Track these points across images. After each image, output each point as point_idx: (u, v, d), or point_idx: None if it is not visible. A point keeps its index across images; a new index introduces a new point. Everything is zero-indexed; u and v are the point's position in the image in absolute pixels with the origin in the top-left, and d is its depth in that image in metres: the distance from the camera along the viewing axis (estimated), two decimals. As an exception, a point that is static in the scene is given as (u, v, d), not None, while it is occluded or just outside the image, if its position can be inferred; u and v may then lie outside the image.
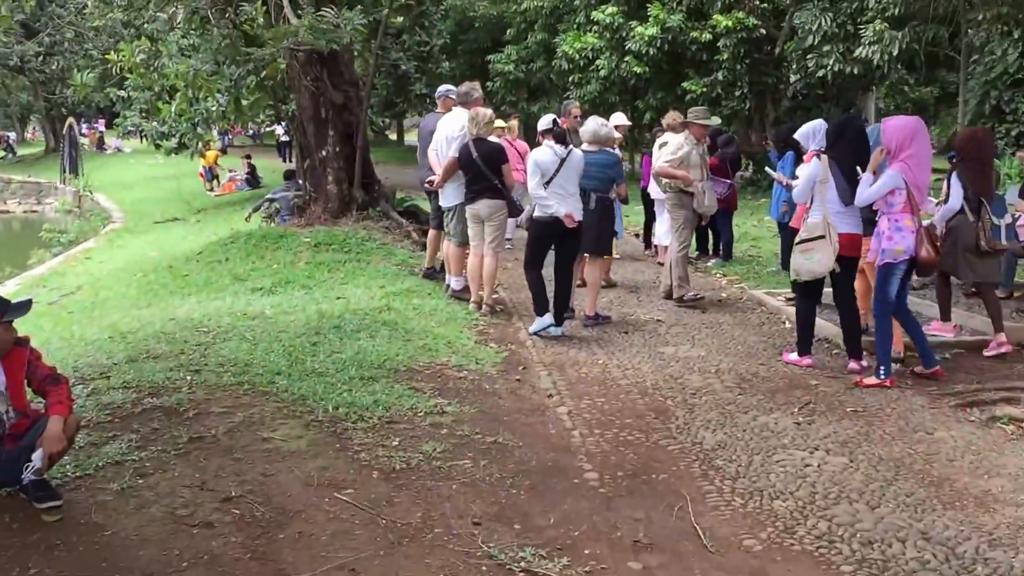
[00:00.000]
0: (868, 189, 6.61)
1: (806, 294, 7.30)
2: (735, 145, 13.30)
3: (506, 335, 8.24)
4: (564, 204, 8.04)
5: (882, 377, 6.65)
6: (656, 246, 12.48)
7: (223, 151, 30.10)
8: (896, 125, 6.64)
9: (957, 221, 7.57)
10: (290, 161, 26.10)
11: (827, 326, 8.03)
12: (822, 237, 6.81)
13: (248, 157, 27.40)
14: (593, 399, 6.42)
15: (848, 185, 6.81)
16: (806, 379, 6.88)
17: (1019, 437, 5.59)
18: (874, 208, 6.74)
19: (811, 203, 6.99)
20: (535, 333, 8.12)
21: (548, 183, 8.05)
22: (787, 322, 8.55)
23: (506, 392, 6.54)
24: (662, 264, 11.98)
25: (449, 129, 9.34)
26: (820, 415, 6.04)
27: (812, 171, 6.97)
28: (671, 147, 9.71)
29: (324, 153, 12.52)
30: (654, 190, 11.76)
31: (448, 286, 9.60)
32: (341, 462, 4.93)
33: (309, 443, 5.14)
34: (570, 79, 23.19)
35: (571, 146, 8.27)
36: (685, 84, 21.00)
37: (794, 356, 7.30)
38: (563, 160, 8.08)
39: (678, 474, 5.07)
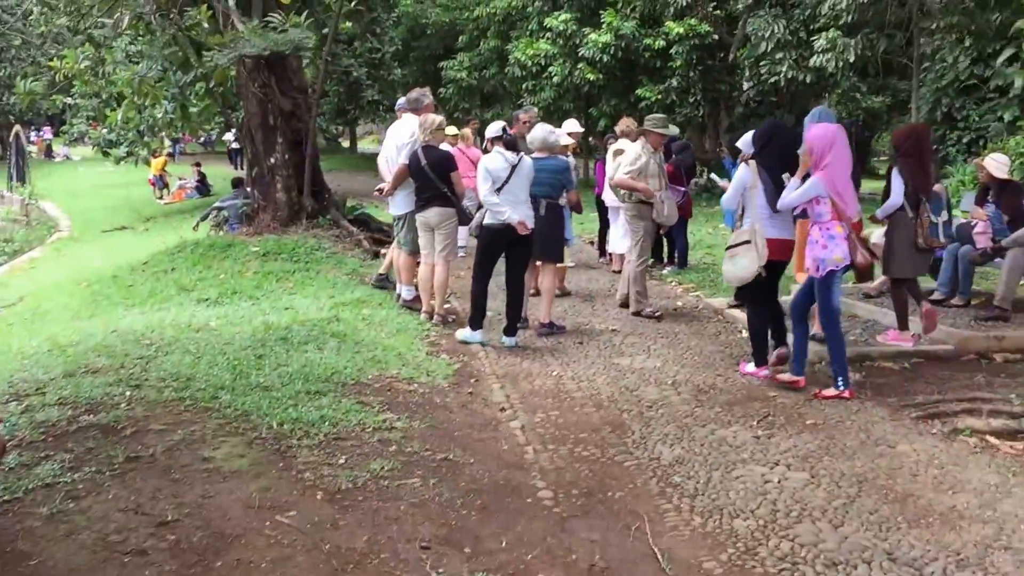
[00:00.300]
0: (791, 194, 6.63)
1: (753, 302, 7.25)
2: (690, 152, 13.24)
3: (458, 346, 8.05)
4: (516, 211, 7.90)
5: (840, 388, 6.57)
6: (611, 254, 12.35)
7: (171, 156, 29.48)
8: (817, 134, 6.58)
9: (896, 217, 7.63)
10: (241, 168, 25.72)
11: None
12: (747, 243, 6.87)
13: (198, 165, 26.95)
14: (547, 412, 6.24)
15: (776, 190, 6.84)
16: (764, 391, 6.75)
17: (982, 450, 5.49)
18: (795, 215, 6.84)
19: (742, 210, 7.06)
20: (462, 341, 8.11)
21: (499, 190, 7.90)
22: (743, 331, 8.42)
23: (458, 406, 6.34)
24: (617, 272, 11.87)
25: (399, 136, 9.14)
26: (779, 428, 5.91)
27: (740, 177, 7.06)
28: (629, 157, 9.56)
29: (272, 161, 12.25)
30: (608, 197, 11.64)
31: (399, 296, 9.39)
32: (284, 482, 4.70)
33: (251, 462, 4.91)
34: (523, 86, 23.06)
35: (522, 153, 8.12)
36: (639, 91, 20.97)
37: (751, 367, 7.19)
38: (514, 167, 7.94)
39: (635, 492, 4.90)
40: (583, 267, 12.53)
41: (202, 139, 40.91)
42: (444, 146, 8.97)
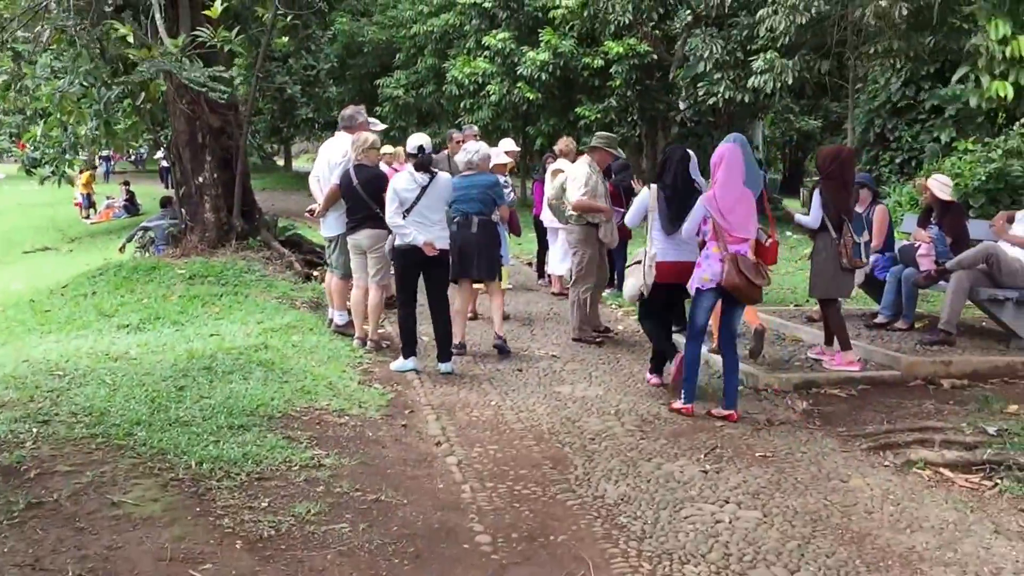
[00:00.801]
0: (688, 222, 6.73)
1: (646, 317, 7.52)
2: (630, 172, 13.04)
3: (392, 374, 7.71)
4: (424, 232, 7.63)
5: (683, 402, 6.64)
6: (550, 275, 12.10)
7: (105, 174, 28.54)
8: (714, 154, 6.68)
9: (820, 239, 7.57)
10: (172, 187, 25.06)
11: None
12: (639, 263, 7.24)
13: (126, 183, 26.23)
14: (485, 446, 5.93)
15: (674, 214, 6.97)
16: (710, 420, 6.51)
17: (937, 484, 5.29)
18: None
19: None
20: (396, 371, 7.81)
21: (408, 211, 7.64)
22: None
23: (391, 440, 6.00)
24: (556, 294, 11.64)
25: (332, 155, 8.81)
26: (728, 461, 5.66)
27: (641, 200, 7.42)
28: (580, 179, 9.25)
29: (201, 179, 11.80)
30: (546, 218, 11.40)
31: (331, 320, 9.03)
32: (200, 530, 4.33)
33: (165, 507, 4.53)
34: (461, 104, 22.79)
35: (436, 172, 7.85)
36: (578, 110, 20.81)
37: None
38: (424, 187, 7.68)
39: (579, 535, 4.59)
40: (521, 289, 12.27)
41: (132, 157, 39.98)
42: (382, 165, 8.66)
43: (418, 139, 8.14)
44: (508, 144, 13.72)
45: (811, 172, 34.83)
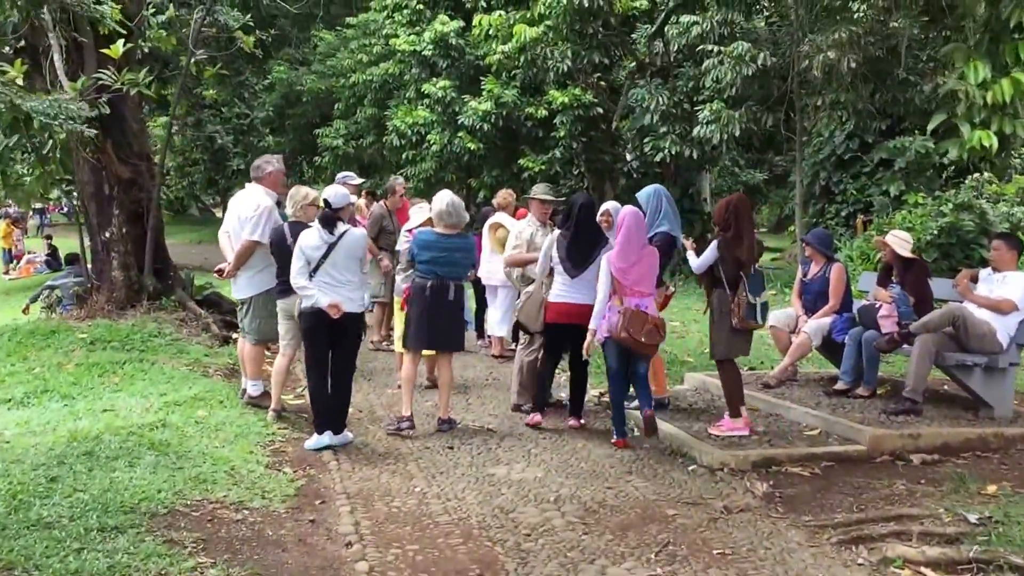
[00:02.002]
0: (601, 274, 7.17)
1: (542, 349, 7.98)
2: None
3: (307, 455, 6.87)
4: (331, 293, 6.91)
5: (616, 437, 7.20)
6: (490, 337, 11.34)
7: (11, 222, 26.93)
8: (618, 215, 7.32)
9: (715, 295, 7.21)
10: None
11: (677, 433, 7.07)
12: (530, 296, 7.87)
13: (48, 237, 25.07)
14: (404, 546, 5.11)
15: (573, 258, 7.50)
16: (662, 508, 5.76)
17: (921, 589, 4.61)
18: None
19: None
20: (312, 449, 7.01)
21: (315, 270, 6.94)
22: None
23: (293, 540, 5.16)
24: (496, 356, 10.89)
25: (242, 208, 8.03)
26: (682, 561, 4.91)
27: (545, 246, 7.72)
28: (512, 234, 8.69)
29: (108, 235, 10.91)
30: (485, 275, 10.68)
31: (244, 391, 8.17)
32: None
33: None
34: (404, 156, 22.10)
35: (347, 228, 7.11)
36: (521, 161, 20.15)
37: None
38: (332, 245, 6.96)
39: (506, 669, 3.81)
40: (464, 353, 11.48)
41: (65, 209, 38.71)
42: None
43: (328, 191, 7.30)
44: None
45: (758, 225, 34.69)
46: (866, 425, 7.04)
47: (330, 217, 7.00)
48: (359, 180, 10.02)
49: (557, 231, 7.70)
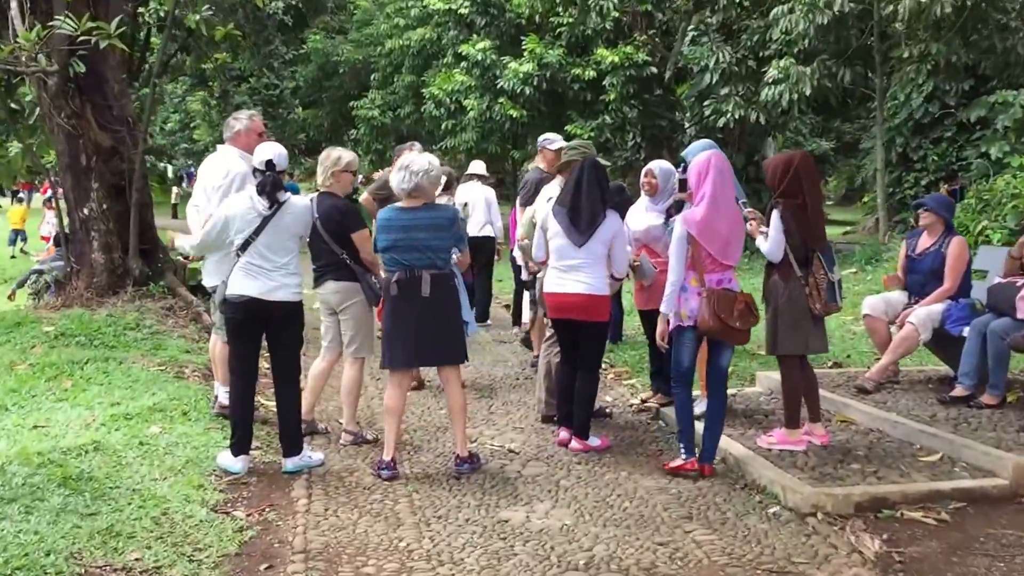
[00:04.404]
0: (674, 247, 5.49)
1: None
2: (626, 195, 10.71)
3: (271, 489, 5.35)
4: (260, 279, 5.40)
5: (684, 459, 5.50)
6: (525, 324, 9.75)
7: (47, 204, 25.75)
8: (693, 165, 5.55)
9: (779, 276, 5.69)
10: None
11: (749, 456, 5.43)
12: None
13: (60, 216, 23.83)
14: (364, 648, 3.57)
15: (572, 224, 5.88)
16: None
17: None
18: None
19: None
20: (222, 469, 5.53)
21: (243, 248, 5.42)
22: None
23: (210, 637, 3.65)
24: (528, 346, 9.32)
25: (210, 176, 6.52)
26: None
27: (540, 220, 6.26)
28: (531, 207, 7.23)
29: (86, 212, 9.47)
30: (518, 254, 9.13)
31: (216, 399, 6.70)
32: None
33: None
34: (442, 126, 20.53)
35: (286, 198, 5.52)
36: (568, 128, 18.42)
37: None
38: (268, 218, 5.42)
39: None
40: (491, 342, 9.94)
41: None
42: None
43: (269, 148, 5.63)
44: (477, 167, 11.81)
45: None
46: (1005, 449, 5.33)
47: (275, 182, 5.45)
48: (559, 143, 8.37)
49: (549, 201, 6.22)
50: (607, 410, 6.93)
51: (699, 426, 5.81)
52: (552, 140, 8.81)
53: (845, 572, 4.14)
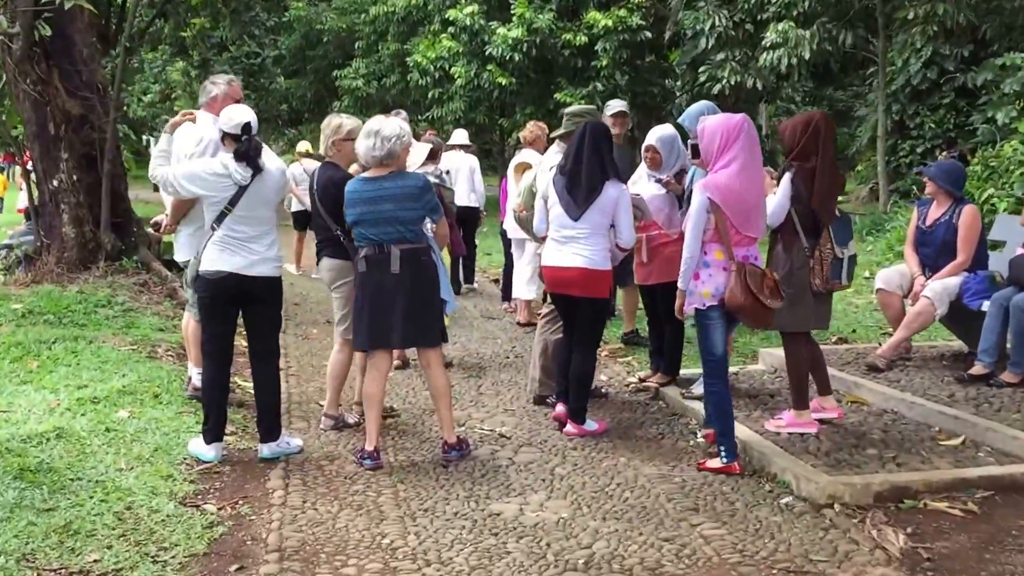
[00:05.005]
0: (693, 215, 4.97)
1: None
2: (625, 163, 10.33)
3: (246, 479, 4.99)
4: (237, 253, 5.00)
5: (725, 461, 4.94)
6: (515, 300, 9.39)
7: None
8: (713, 127, 4.96)
9: (784, 245, 5.35)
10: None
11: (756, 440, 5.07)
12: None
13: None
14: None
15: (570, 193, 5.49)
16: (750, 580, 3.79)
17: None
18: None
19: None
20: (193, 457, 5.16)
21: (219, 220, 5.00)
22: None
23: (171, 653, 3.28)
24: (522, 325, 8.97)
25: (183, 144, 6.07)
26: None
27: (541, 189, 5.86)
28: (529, 174, 6.81)
29: (56, 183, 9.05)
30: (510, 227, 8.76)
31: (189, 380, 6.32)
32: None
33: None
34: (429, 95, 20.02)
35: (264, 166, 5.07)
36: (558, 96, 17.95)
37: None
38: (244, 188, 4.99)
39: None
40: (479, 318, 9.57)
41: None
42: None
43: (241, 113, 5.20)
44: (459, 136, 11.42)
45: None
46: (1028, 432, 5.01)
47: (258, 147, 5.05)
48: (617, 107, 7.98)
49: (550, 169, 5.83)
50: (603, 390, 6.58)
51: (698, 405, 5.53)
52: (612, 107, 8.31)
53: (869, 572, 3.79)
